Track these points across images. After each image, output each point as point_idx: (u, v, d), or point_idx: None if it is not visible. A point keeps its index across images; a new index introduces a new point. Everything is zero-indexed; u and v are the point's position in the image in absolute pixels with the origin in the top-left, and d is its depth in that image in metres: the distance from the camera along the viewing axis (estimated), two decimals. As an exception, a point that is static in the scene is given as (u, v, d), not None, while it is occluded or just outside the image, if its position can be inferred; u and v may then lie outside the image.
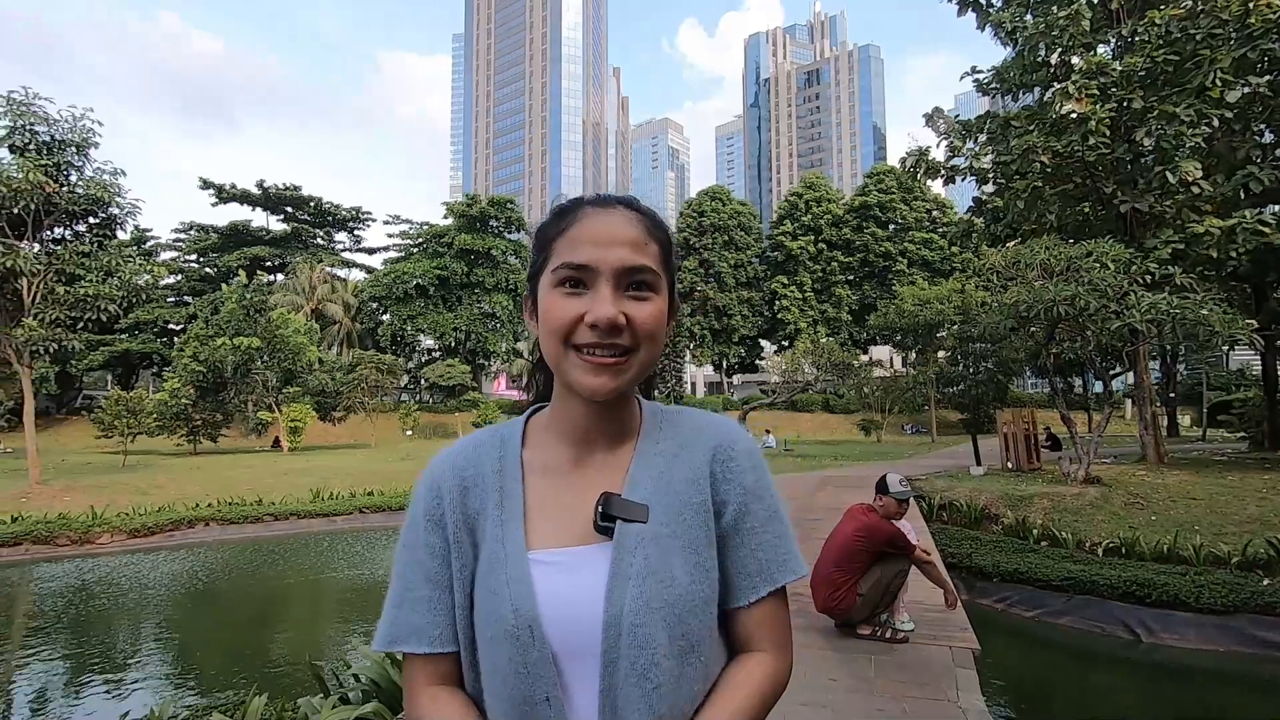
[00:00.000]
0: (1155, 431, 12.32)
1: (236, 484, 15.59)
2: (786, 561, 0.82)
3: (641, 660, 0.73)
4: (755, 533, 0.82)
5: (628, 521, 0.78)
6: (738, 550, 0.81)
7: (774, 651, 0.82)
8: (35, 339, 14.65)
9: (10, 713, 5.21)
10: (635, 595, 0.74)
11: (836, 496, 10.88)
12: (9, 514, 11.76)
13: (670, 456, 0.83)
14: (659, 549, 0.77)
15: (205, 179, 46.97)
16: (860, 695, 3.48)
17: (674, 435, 0.85)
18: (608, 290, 0.77)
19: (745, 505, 0.82)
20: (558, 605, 0.76)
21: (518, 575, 0.77)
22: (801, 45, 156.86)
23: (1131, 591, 6.38)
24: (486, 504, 0.82)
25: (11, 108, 14.70)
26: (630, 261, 0.78)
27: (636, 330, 0.78)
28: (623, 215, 0.82)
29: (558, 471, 0.84)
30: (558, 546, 0.79)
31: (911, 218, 48.39)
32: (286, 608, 8.47)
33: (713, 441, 0.84)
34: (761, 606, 0.81)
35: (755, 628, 0.82)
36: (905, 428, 38.86)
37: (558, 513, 0.81)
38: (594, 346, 0.77)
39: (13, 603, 8.56)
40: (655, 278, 0.80)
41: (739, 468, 0.83)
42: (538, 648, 0.74)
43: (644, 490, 0.80)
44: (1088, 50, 12.19)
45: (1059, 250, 10.44)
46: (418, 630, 0.80)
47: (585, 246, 0.78)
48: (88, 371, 44.21)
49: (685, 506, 0.80)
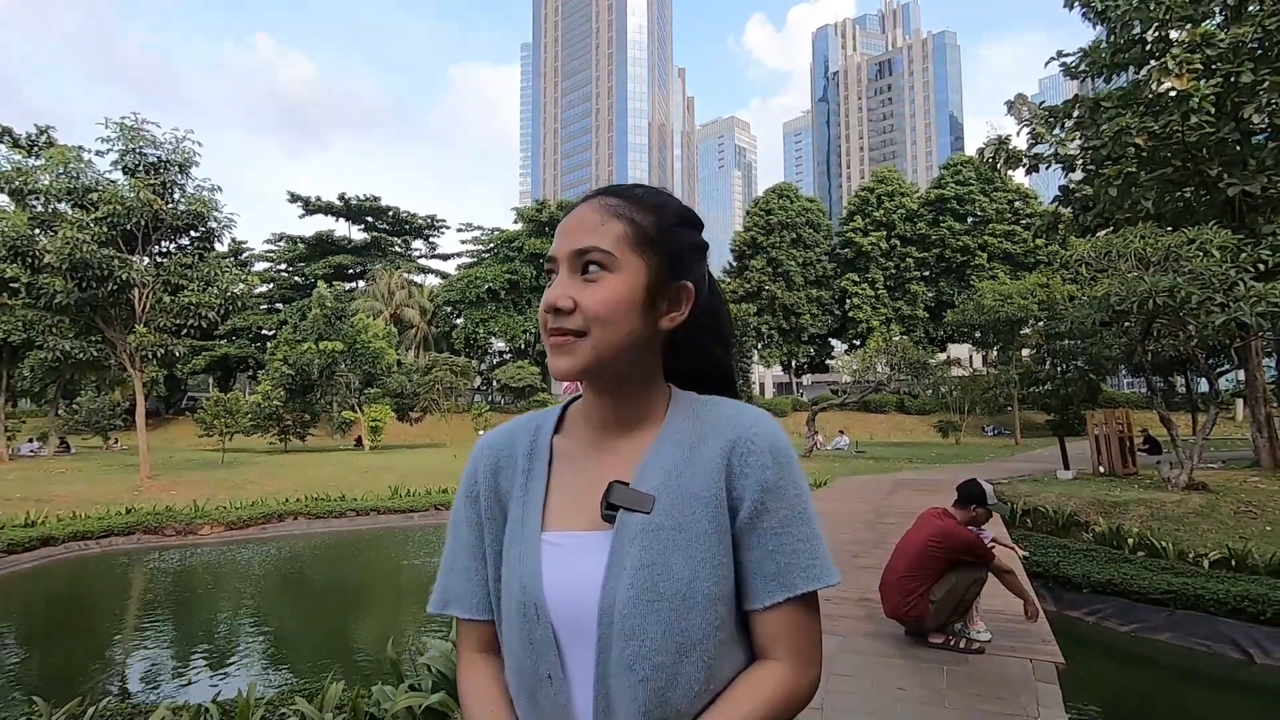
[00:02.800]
0: (1270, 434, 11.29)
1: (322, 480, 16.45)
2: (810, 568, 0.77)
3: (629, 651, 0.73)
4: (774, 533, 0.77)
5: (631, 511, 0.77)
6: (754, 550, 0.77)
7: (791, 662, 0.77)
8: (146, 345, 15.90)
9: (125, 685, 5.66)
10: (627, 586, 0.74)
11: (911, 500, 10.49)
12: (124, 506, 12.81)
13: (687, 447, 0.80)
14: (658, 541, 0.75)
15: (293, 192, 49.95)
16: (931, 707, 3.33)
17: (696, 425, 0.82)
18: (563, 274, 0.79)
19: (763, 503, 0.77)
20: (560, 588, 0.77)
21: (529, 554, 0.80)
22: (872, 36, 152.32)
23: (1243, 607, 5.84)
24: (514, 484, 0.86)
25: (123, 132, 16.01)
26: (577, 244, 0.79)
27: (584, 312, 0.77)
28: (590, 204, 0.83)
29: (579, 457, 0.85)
30: (568, 530, 0.81)
31: (992, 210, 46.09)
32: (367, 598, 8.87)
33: (733, 433, 0.79)
34: (779, 612, 0.77)
35: (772, 634, 0.77)
36: (986, 429, 37.09)
37: (574, 497, 0.83)
38: (552, 330, 0.79)
39: (127, 586, 9.33)
40: (607, 257, 0.78)
41: (758, 462, 0.78)
42: (541, 626, 0.77)
43: (653, 480, 0.79)
44: (1188, 23, 11.28)
45: (1156, 239, 9.71)
46: (459, 597, 0.87)
47: (555, 239, 0.82)
48: (191, 375, 47.76)
49: (696, 499, 0.77)
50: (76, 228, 14.89)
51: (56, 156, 16.29)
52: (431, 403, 32.73)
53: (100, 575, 9.80)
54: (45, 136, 27.77)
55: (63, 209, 16.34)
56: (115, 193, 15.42)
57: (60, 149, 17.08)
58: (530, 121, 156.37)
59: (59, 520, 11.33)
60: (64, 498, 13.63)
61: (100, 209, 15.22)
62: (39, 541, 10.14)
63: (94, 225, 15.21)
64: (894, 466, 18.71)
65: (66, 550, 10.34)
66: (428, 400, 32.53)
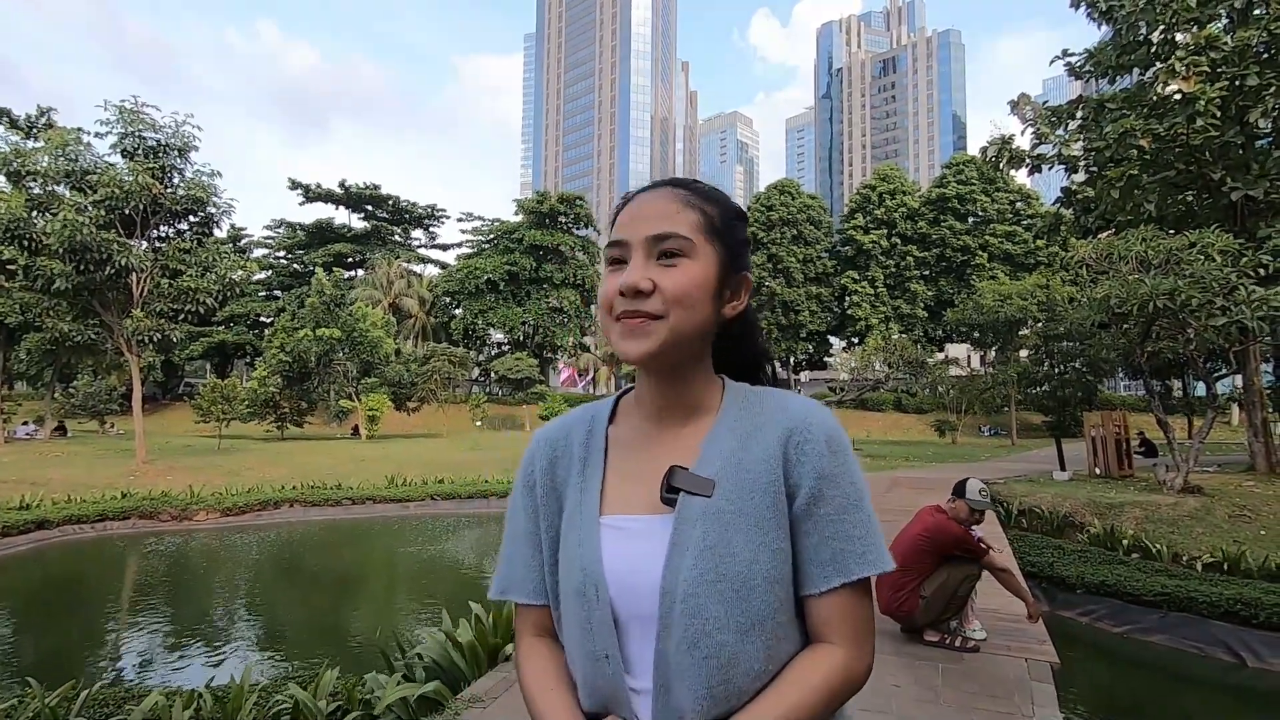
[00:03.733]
0: (1266, 438, 11.32)
1: (318, 468, 16.44)
2: (865, 555, 0.79)
3: (693, 630, 0.76)
4: (830, 520, 0.80)
5: (691, 495, 0.79)
6: (810, 536, 0.80)
7: (847, 646, 0.79)
8: (143, 329, 15.84)
9: (118, 671, 5.66)
10: (691, 567, 0.77)
11: (907, 499, 10.51)
12: (119, 490, 12.80)
13: (745, 435, 0.83)
14: (720, 524, 0.78)
15: (294, 179, 49.76)
16: (926, 704, 3.33)
17: (752, 415, 0.85)
18: (639, 259, 0.82)
19: (819, 490, 0.80)
20: (620, 569, 0.80)
21: (588, 537, 0.82)
22: (876, 33, 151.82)
23: (1236, 611, 5.86)
24: (571, 472, 0.88)
25: (123, 116, 15.91)
26: (656, 229, 0.82)
27: (664, 295, 0.80)
28: (661, 192, 0.86)
29: (636, 444, 0.88)
30: (628, 514, 0.84)
31: (993, 210, 46.05)
32: (362, 587, 8.87)
33: (789, 423, 0.83)
34: (834, 597, 0.79)
35: (827, 618, 0.80)
36: (983, 429, 37.17)
37: (631, 482, 0.85)
38: (626, 314, 0.81)
39: (122, 571, 9.33)
40: (686, 243, 0.82)
41: (814, 451, 0.81)
42: (600, 607, 0.79)
43: (713, 466, 0.82)
44: (1195, 25, 11.24)
45: (1157, 241, 9.70)
46: (518, 583, 0.90)
47: (621, 228, 0.84)
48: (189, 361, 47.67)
49: (754, 484, 0.80)
50: (75, 210, 14.80)
51: (55, 139, 16.18)
52: (429, 393, 32.68)
53: (95, 559, 9.80)
54: (45, 119, 27.61)
55: (61, 192, 16.24)
56: (114, 176, 15.33)
57: (59, 131, 16.96)
58: (532, 113, 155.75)
59: (54, 504, 11.31)
60: (59, 481, 13.61)
61: (99, 192, 15.13)
62: (34, 525, 10.13)
63: (92, 209, 15.13)
64: (890, 465, 18.73)
65: (61, 534, 10.34)
66: (425, 390, 32.49)
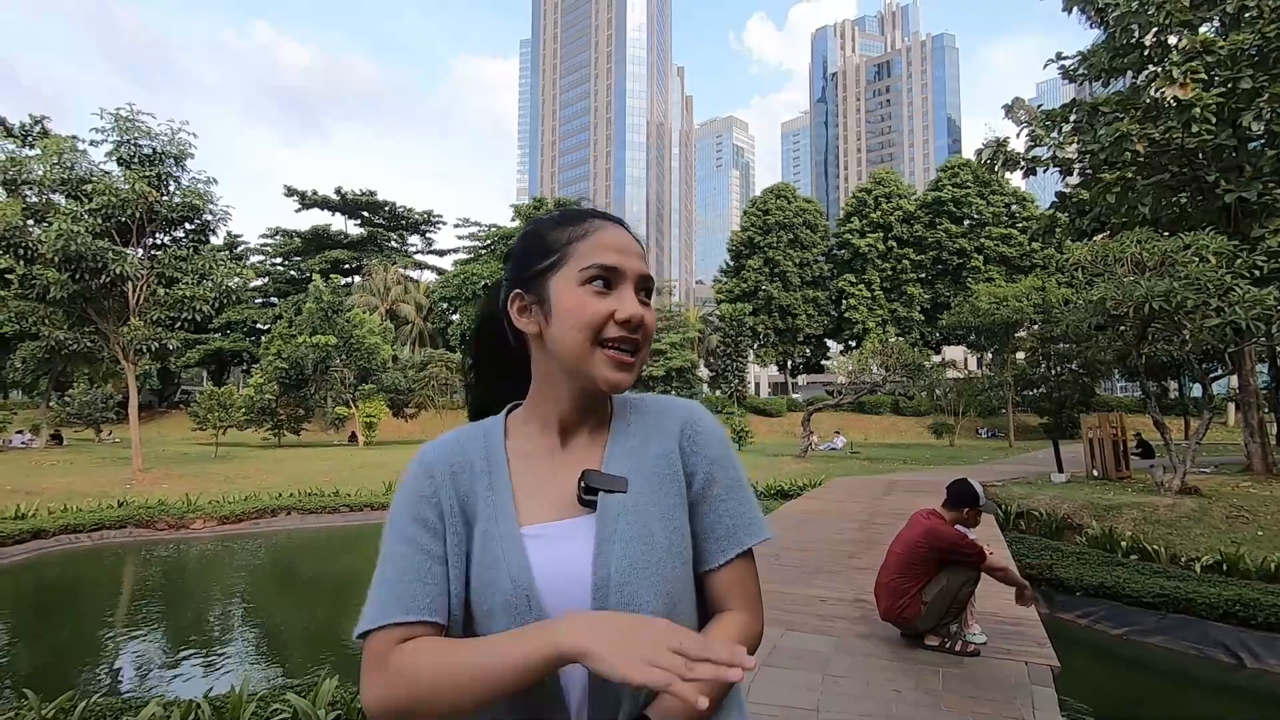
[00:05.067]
0: (1262, 439, 11.37)
1: (316, 476, 16.39)
2: (752, 525, 0.90)
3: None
4: (722, 500, 0.89)
5: (609, 492, 0.85)
6: (707, 516, 0.89)
7: (745, 610, 0.88)
8: (139, 337, 15.80)
9: (116, 681, 5.62)
10: (620, 556, 0.81)
11: (905, 501, 10.51)
12: (115, 498, 12.75)
13: (642, 435, 0.91)
14: (639, 514, 0.84)
15: (289, 186, 49.67)
16: (926, 709, 3.33)
17: (643, 418, 0.93)
18: (633, 293, 0.87)
19: (711, 474, 0.90)
20: (551, 574, 0.82)
21: (513, 548, 0.83)
22: (871, 37, 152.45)
23: (1234, 612, 5.88)
24: (476, 486, 0.88)
25: (119, 123, 15.88)
26: (645, 270, 0.89)
27: (645, 332, 0.87)
28: (629, 232, 0.92)
29: (541, 456, 0.91)
30: (545, 522, 0.86)
31: (989, 213, 46.22)
32: (360, 595, 8.77)
33: (680, 419, 0.92)
34: (732, 568, 0.88)
35: (727, 588, 0.88)
36: (980, 431, 37.22)
37: (543, 492, 0.88)
38: (620, 342, 0.85)
39: (119, 580, 9.28)
40: (654, 288, 0.91)
41: (705, 441, 0.91)
42: (534, 614, 0.80)
43: (621, 465, 0.88)
44: (1187, 29, 11.31)
45: (1152, 244, 9.74)
46: (412, 599, 0.81)
47: (612, 253, 0.86)
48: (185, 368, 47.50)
49: (659, 476, 0.88)
50: (71, 219, 14.78)
51: (51, 146, 16.15)
52: (427, 399, 32.60)
53: (91, 568, 9.74)
54: (40, 127, 27.57)
55: (56, 200, 16.21)
56: (110, 184, 15.30)
57: (55, 139, 16.95)
58: (528, 118, 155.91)
59: (50, 513, 11.26)
60: (55, 490, 13.55)
61: (95, 200, 15.11)
62: (30, 534, 10.07)
63: (88, 217, 15.10)
64: (888, 468, 18.74)
65: (58, 543, 10.28)
66: (423, 396, 32.42)
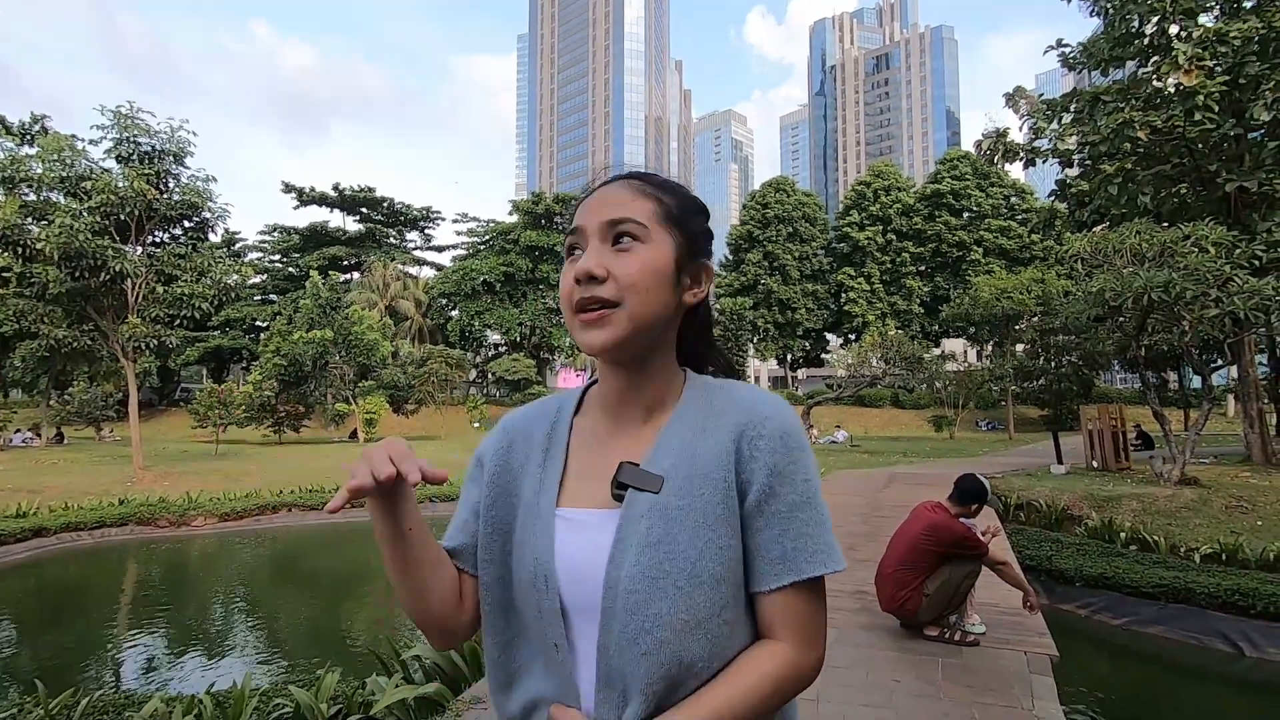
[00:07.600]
0: (1262, 429, 11.38)
1: (316, 472, 16.39)
2: (816, 553, 0.78)
3: (633, 626, 0.75)
4: (781, 517, 0.78)
5: (640, 490, 0.79)
6: (760, 534, 0.78)
7: (794, 643, 0.78)
8: (139, 335, 15.78)
9: (118, 678, 5.64)
10: (633, 563, 0.76)
11: (905, 494, 10.52)
12: (117, 497, 12.76)
13: (699, 430, 0.82)
14: (665, 520, 0.77)
15: (287, 183, 49.53)
16: (926, 699, 3.34)
17: (709, 408, 0.84)
18: (594, 245, 0.81)
19: (770, 487, 0.78)
20: (570, 561, 0.80)
21: (543, 528, 0.82)
22: (869, 30, 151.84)
23: (1233, 601, 5.89)
24: (530, 462, 0.88)
25: (118, 121, 15.83)
26: (608, 216, 0.81)
27: (618, 280, 0.79)
28: (618, 182, 0.86)
29: (596, 438, 0.88)
30: (581, 507, 0.83)
31: (988, 205, 46.10)
32: (361, 590, 8.85)
33: (744, 417, 0.81)
34: (784, 595, 0.78)
35: (776, 616, 0.79)
36: (980, 424, 37.23)
37: (589, 476, 0.85)
38: (586, 303, 0.80)
39: (120, 577, 9.30)
40: (639, 228, 0.81)
41: (767, 447, 0.79)
42: (550, 597, 0.80)
43: (665, 461, 0.80)
44: (1188, 17, 11.26)
45: (1151, 234, 9.72)
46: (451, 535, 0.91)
47: (578, 216, 0.84)
48: (185, 366, 47.51)
49: (705, 481, 0.78)
50: (71, 217, 14.75)
51: (50, 145, 16.08)
52: (426, 395, 32.60)
53: (93, 566, 9.77)
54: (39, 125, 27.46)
55: (56, 198, 16.17)
56: (109, 182, 15.25)
57: (54, 137, 16.87)
58: (527, 113, 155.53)
59: (51, 511, 11.27)
60: (56, 488, 13.56)
61: (94, 198, 15.07)
62: (31, 532, 10.09)
63: (87, 215, 15.06)
64: (888, 460, 18.76)
65: (59, 541, 10.29)
66: (423, 393, 32.41)
